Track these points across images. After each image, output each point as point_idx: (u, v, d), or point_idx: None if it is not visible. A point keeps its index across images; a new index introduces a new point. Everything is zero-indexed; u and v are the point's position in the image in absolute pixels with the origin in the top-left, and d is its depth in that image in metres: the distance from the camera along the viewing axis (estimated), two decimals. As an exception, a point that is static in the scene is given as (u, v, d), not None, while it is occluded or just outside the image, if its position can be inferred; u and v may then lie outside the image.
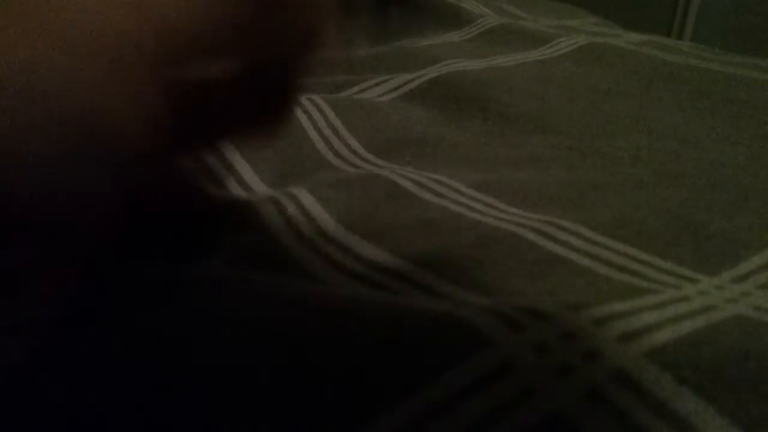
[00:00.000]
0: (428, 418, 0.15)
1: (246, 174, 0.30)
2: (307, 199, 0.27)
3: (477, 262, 0.22)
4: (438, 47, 0.50)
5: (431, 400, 0.15)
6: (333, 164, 0.32)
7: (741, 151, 0.34)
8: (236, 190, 0.29)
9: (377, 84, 0.41)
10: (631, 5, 1.37)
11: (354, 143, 0.34)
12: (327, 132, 0.34)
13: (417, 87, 0.41)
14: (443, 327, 0.17)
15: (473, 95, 0.40)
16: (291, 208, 0.26)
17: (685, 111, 0.39)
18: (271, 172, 0.31)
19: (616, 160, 0.32)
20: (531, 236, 0.24)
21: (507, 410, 0.15)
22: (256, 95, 0.19)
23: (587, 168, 0.31)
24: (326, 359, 0.16)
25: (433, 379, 0.15)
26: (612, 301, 0.19)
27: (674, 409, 0.15)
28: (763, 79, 0.43)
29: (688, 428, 0.15)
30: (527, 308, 0.18)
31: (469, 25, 0.56)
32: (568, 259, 0.23)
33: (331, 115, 0.35)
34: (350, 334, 0.17)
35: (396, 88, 0.41)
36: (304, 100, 0.36)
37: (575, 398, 0.15)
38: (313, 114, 0.35)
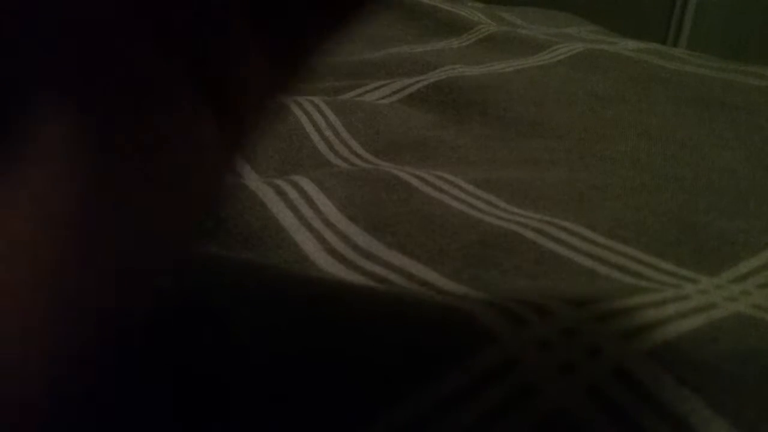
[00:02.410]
0: (432, 414, 0.15)
1: (243, 171, 0.30)
2: (309, 186, 0.27)
3: (478, 261, 0.22)
4: (437, 53, 0.50)
5: (436, 397, 0.15)
6: (334, 164, 0.32)
7: (739, 155, 0.34)
8: None
9: (377, 88, 0.41)
10: (627, 14, 1.38)
11: (354, 144, 0.34)
12: (327, 133, 0.34)
13: (417, 91, 0.41)
14: (449, 322, 0.17)
15: (472, 100, 0.40)
16: (292, 194, 0.26)
17: (683, 116, 0.40)
18: (269, 170, 0.31)
19: (615, 163, 0.33)
20: (532, 236, 0.24)
21: (510, 408, 0.15)
22: None
23: (586, 170, 0.32)
24: (330, 352, 0.16)
25: (438, 375, 0.15)
26: (613, 298, 0.19)
27: (674, 409, 0.15)
28: (758, 85, 0.44)
29: (687, 429, 0.15)
30: (530, 303, 0.18)
31: (468, 32, 0.56)
32: (569, 259, 0.23)
33: (332, 117, 0.35)
34: (356, 326, 0.17)
35: (396, 92, 0.41)
36: (304, 101, 0.36)
37: (577, 396, 0.15)
38: (314, 115, 0.35)
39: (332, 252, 0.23)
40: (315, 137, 0.33)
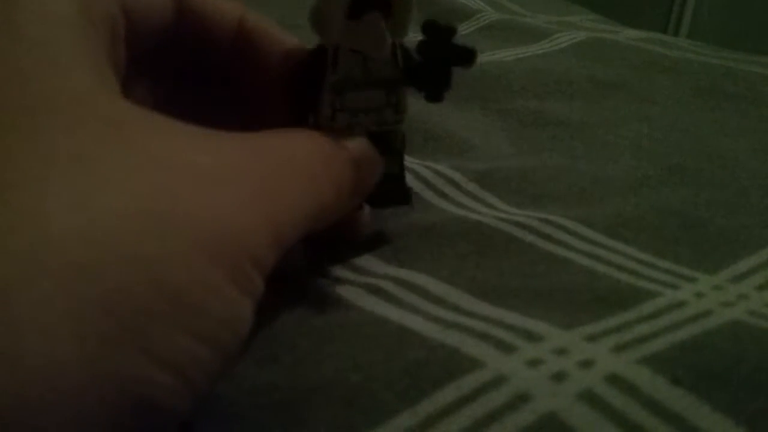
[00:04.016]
0: (423, 428, 0.15)
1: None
2: None
3: (475, 264, 0.22)
4: (437, 42, 0.50)
5: (427, 412, 0.15)
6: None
7: (742, 143, 0.34)
8: None
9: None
10: (626, 5, 1.37)
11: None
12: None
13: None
14: (435, 357, 0.17)
15: (473, 89, 0.39)
16: None
17: (686, 104, 0.39)
18: None
19: (618, 149, 0.32)
20: (531, 238, 0.24)
21: (501, 414, 0.15)
22: None
23: (589, 158, 0.31)
24: (327, 376, 0.17)
25: (428, 394, 0.16)
26: (606, 316, 0.19)
27: (669, 406, 0.15)
28: (762, 73, 0.43)
29: (684, 425, 0.15)
30: (520, 329, 0.18)
31: (468, 21, 0.55)
32: (567, 259, 0.23)
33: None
34: (348, 354, 0.17)
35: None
36: None
37: (570, 399, 0.15)
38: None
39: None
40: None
